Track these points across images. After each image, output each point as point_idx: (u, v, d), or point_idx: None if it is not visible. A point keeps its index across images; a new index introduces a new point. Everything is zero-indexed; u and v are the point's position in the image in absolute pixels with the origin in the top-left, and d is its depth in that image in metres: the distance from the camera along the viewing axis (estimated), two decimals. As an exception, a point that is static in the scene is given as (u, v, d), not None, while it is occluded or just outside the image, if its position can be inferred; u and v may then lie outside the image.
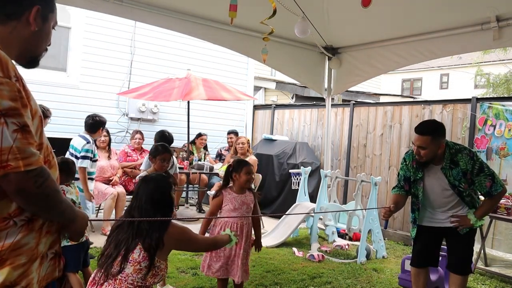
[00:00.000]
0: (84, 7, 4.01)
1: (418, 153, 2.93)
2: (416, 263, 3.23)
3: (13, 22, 1.24)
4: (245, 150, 6.27)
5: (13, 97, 1.12)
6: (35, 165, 1.14)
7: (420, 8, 3.95)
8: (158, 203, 2.05)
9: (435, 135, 2.90)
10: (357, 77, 5.39)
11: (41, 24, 1.30)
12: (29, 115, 1.18)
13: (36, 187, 1.15)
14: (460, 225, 2.99)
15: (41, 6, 1.27)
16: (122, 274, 1.90)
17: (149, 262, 1.90)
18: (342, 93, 8.18)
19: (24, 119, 1.14)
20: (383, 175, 6.10)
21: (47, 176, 1.19)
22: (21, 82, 1.18)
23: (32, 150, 1.14)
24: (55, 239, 1.35)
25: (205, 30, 4.42)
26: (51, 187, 1.21)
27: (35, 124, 1.22)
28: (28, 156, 1.13)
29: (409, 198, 3.29)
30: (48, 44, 1.38)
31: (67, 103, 6.61)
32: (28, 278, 1.21)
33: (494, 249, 4.82)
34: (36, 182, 1.15)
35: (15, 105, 1.12)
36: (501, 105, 4.96)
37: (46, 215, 1.26)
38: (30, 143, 1.14)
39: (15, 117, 1.11)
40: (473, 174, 2.91)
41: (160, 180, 2.17)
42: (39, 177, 1.16)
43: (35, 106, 1.25)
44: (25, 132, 1.13)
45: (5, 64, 1.13)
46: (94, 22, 6.84)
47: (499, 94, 12.82)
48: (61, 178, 3.01)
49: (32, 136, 1.16)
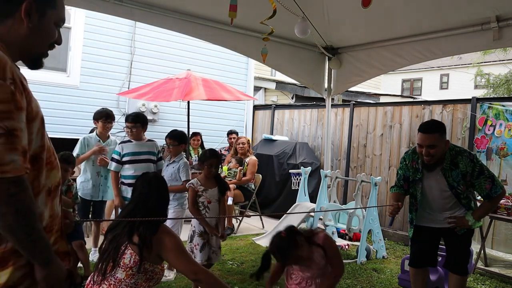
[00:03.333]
0: (84, 7, 4.02)
1: (428, 153, 2.88)
2: (414, 264, 3.23)
3: (9, 20, 1.22)
4: (245, 150, 6.27)
5: (4, 100, 1.08)
6: (11, 173, 1.06)
7: (420, 8, 3.95)
8: (158, 200, 2.06)
9: (441, 132, 2.91)
10: (357, 77, 5.39)
11: (37, 20, 1.25)
12: (23, 119, 1.13)
13: (7, 195, 1.06)
14: (457, 225, 3.00)
15: (35, 1, 1.24)
16: (115, 280, 1.89)
17: (138, 263, 1.89)
18: (342, 93, 8.17)
19: (13, 123, 1.09)
20: (383, 175, 6.10)
21: (23, 187, 1.09)
22: (20, 84, 1.15)
23: (13, 157, 1.07)
24: (56, 238, 1.33)
25: (205, 30, 4.42)
26: (25, 202, 1.10)
27: (36, 126, 1.20)
28: (5, 162, 1.05)
29: (407, 198, 3.29)
30: (50, 41, 1.33)
31: (67, 103, 6.61)
32: (30, 279, 1.20)
33: (494, 249, 4.82)
34: (9, 190, 1.06)
35: (5, 108, 1.08)
36: (501, 105, 4.97)
37: (12, 237, 1.10)
38: (14, 149, 1.08)
39: (3, 120, 1.07)
40: (473, 177, 2.91)
41: (160, 178, 2.19)
42: (12, 185, 1.07)
43: (37, 108, 1.23)
44: (11, 137, 1.08)
45: (2, 65, 1.11)
46: (94, 22, 6.84)
47: (500, 95, 12.82)
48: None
49: (20, 141, 1.10)
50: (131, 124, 4.03)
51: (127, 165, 4.00)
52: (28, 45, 1.28)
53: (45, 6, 1.28)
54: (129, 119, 4.07)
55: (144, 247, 1.89)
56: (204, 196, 3.41)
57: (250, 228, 6.13)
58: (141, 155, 4.05)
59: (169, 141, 4.08)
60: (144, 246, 1.89)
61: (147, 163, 4.04)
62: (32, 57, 1.32)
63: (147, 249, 1.90)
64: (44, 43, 1.32)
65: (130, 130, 4.05)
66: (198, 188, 3.42)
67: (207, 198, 3.41)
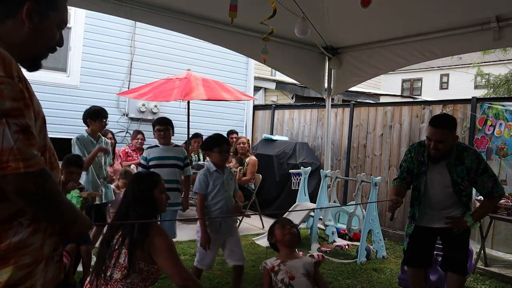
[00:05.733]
0: (84, 7, 4.02)
1: (435, 147, 2.90)
2: (410, 263, 3.25)
3: (10, 21, 1.22)
4: (245, 150, 6.28)
5: (16, 98, 1.11)
6: (35, 167, 1.12)
7: (420, 8, 3.95)
8: (143, 200, 2.05)
9: (451, 127, 2.92)
10: (357, 77, 5.39)
11: (38, 21, 1.25)
12: (32, 116, 1.16)
13: (36, 188, 1.14)
14: (456, 226, 3.00)
15: (36, 3, 1.23)
16: (112, 280, 1.90)
17: (128, 261, 1.89)
18: (342, 93, 8.17)
19: (26, 120, 1.12)
20: (383, 175, 6.10)
21: (47, 177, 1.17)
22: (24, 82, 1.16)
23: (33, 151, 1.13)
24: (58, 240, 1.35)
25: (205, 30, 4.42)
26: (51, 188, 1.19)
27: (38, 125, 1.21)
28: (29, 157, 1.11)
29: (409, 193, 3.28)
30: (50, 44, 1.33)
31: (67, 103, 6.61)
32: (32, 280, 1.20)
33: (494, 249, 4.82)
34: (36, 183, 1.13)
35: (18, 105, 1.11)
36: (501, 105, 4.97)
37: (46, 216, 1.24)
38: (32, 144, 1.13)
39: (17, 118, 1.10)
40: (477, 174, 2.93)
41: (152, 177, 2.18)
42: (39, 178, 1.14)
43: (38, 107, 1.24)
44: (27, 133, 1.12)
45: (8, 64, 1.12)
46: (94, 22, 6.84)
47: (500, 95, 12.82)
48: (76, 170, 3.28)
49: (34, 138, 1.15)
50: (163, 127, 3.97)
51: (153, 169, 3.82)
52: (28, 47, 1.27)
53: (47, 8, 1.27)
54: (160, 122, 4.01)
55: (136, 248, 1.90)
56: (283, 271, 2.41)
57: (250, 228, 6.13)
58: (167, 160, 3.96)
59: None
60: (135, 247, 1.90)
61: (173, 168, 3.95)
62: (31, 59, 1.32)
63: (140, 249, 1.90)
64: (44, 45, 1.32)
65: (161, 133, 3.98)
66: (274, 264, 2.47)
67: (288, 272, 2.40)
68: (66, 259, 2.94)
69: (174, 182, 3.96)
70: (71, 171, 3.30)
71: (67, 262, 2.97)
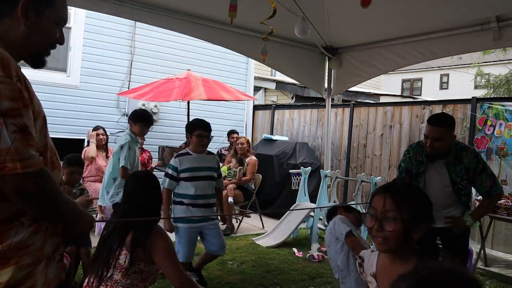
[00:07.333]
0: (84, 7, 4.01)
1: (432, 145, 2.91)
2: None
3: (7, 19, 1.22)
4: (245, 150, 6.27)
5: (14, 97, 1.10)
6: (33, 167, 1.12)
7: (420, 8, 3.95)
8: (151, 199, 2.05)
9: (449, 126, 2.92)
10: (357, 77, 5.38)
11: (34, 18, 1.24)
12: (31, 116, 1.16)
13: (36, 188, 1.14)
14: (455, 226, 3.00)
15: (32, 0, 1.23)
16: (112, 281, 1.89)
17: (129, 261, 1.89)
18: (342, 93, 8.17)
19: (24, 120, 1.12)
20: (383, 175, 6.10)
21: (47, 177, 1.17)
22: (23, 82, 1.16)
23: (30, 151, 1.12)
24: (60, 240, 1.34)
25: (205, 30, 4.42)
26: (51, 188, 1.19)
27: (38, 125, 1.21)
28: (26, 158, 1.10)
29: None
30: (50, 40, 1.32)
31: (67, 103, 6.61)
32: (32, 279, 1.20)
33: (494, 249, 4.82)
34: (36, 183, 1.13)
35: (16, 105, 1.10)
36: (501, 105, 4.97)
37: (46, 216, 1.24)
38: (30, 145, 1.12)
39: (15, 117, 1.09)
40: (476, 173, 2.93)
41: (151, 176, 2.19)
42: (38, 178, 1.14)
43: (39, 107, 1.23)
44: (25, 133, 1.11)
45: (7, 63, 1.11)
46: (94, 22, 6.84)
47: (500, 95, 12.82)
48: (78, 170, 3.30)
49: (32, 138, 1.14)
50: (206, 133, 3.47)
51: (185, 182, 3.42)
52: (27, 44, 1.27)
53: (42, 5, 1.27)
54: (205, 127, 3.50)
55: (136, 248, 1.90)
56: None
57: (250, 228, 6.13)
58: (202, 171, 3.47)
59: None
60: (136, 247, 1.90)
61: (209, 181, 3.50)
62: (33, 56, 1.31)
63: (141, 248, 1.90)
64: (44, 42, 1.31)
65: (203, 140, 3.48)
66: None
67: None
68: (66, 259, 2.94)
69: (211, 197, 3.52)
70: (72, 171, 3.30)
71: (67, 263, 2.97)
